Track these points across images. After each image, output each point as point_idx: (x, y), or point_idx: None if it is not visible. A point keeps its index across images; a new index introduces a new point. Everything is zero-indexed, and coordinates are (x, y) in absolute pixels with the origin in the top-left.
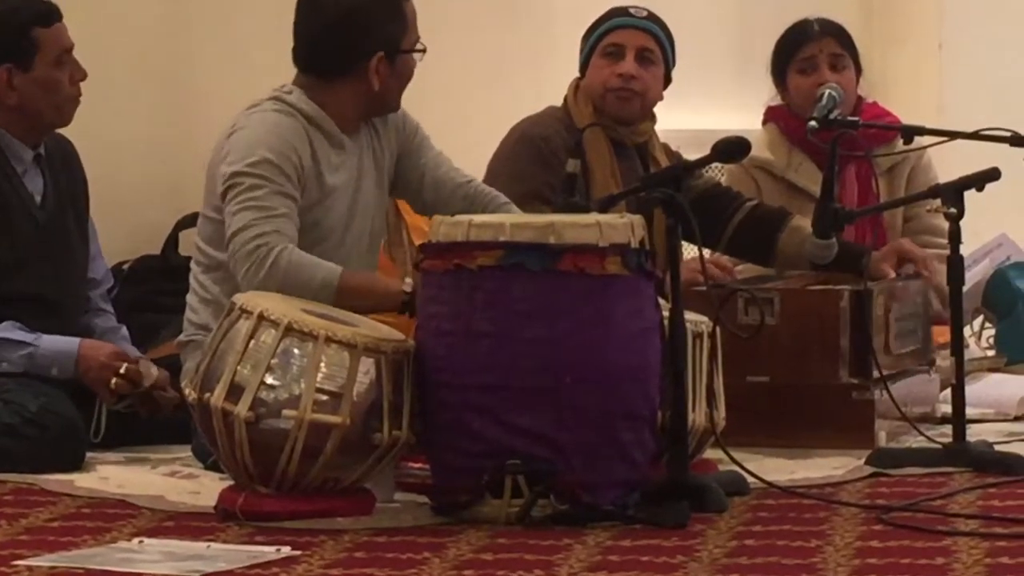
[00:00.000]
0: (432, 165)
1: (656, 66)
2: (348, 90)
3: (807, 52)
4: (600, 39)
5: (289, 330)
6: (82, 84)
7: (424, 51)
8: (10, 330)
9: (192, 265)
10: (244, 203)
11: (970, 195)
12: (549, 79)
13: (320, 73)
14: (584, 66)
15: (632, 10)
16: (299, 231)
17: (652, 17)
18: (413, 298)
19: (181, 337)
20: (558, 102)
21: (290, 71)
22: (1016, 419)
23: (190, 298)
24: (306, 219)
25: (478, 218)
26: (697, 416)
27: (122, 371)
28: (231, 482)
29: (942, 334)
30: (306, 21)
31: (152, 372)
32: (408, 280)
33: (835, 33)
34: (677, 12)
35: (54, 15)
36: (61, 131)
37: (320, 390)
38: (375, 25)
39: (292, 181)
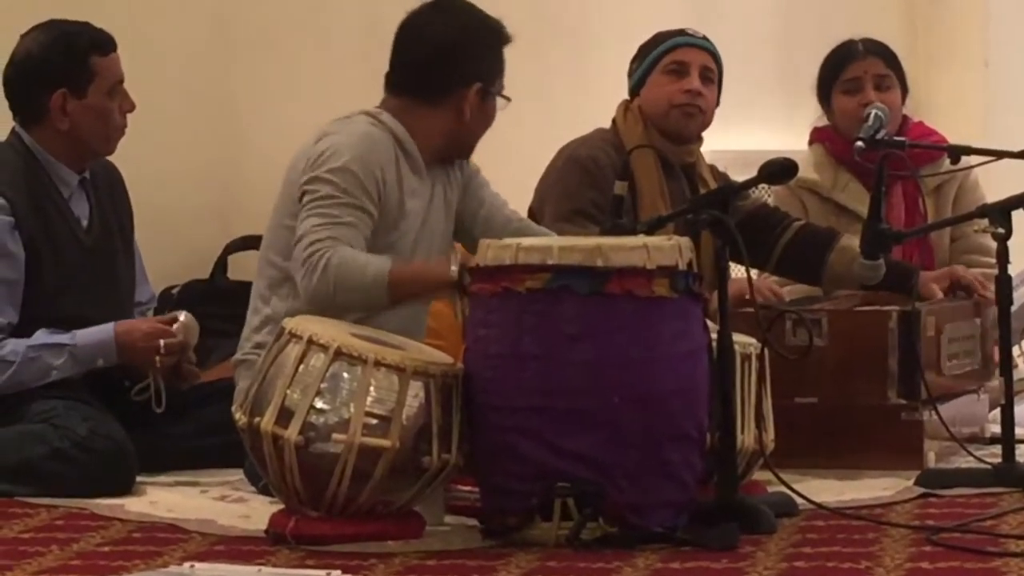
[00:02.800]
0: (487, 205)
1: (714, 86)
2: (439, 117)
3: (852, 72)
4: (661, 57)
5: (338, 354)
6: (133, 111)
7: (508, 99)
8: (45, 336)
9: (256, 280)
10: (313, 209)
11: (1018, 214)
12: (591, 102)
13: (419, 95)
14: (639, 85)
15: (691, 32)
16: (374, 253)
17: (707, 39)
18: (461, 277)
19: (237, 355)
20: (600, 124)
21: (336, 98)
22: None
23: (249, 315)
24: (381, 241)
25: (526, 241)
26: (746, 437)
27: (163, 350)
28: (281, 506)
29: None
30: (411, 45)
31: (190, 326)
32: (453, 268)
33: (880, 53)
34: (723, 33)
35: (110, 44)
36: (112, 158)
37: (369, 414)
38: (478, 58)
39: (370, 195)
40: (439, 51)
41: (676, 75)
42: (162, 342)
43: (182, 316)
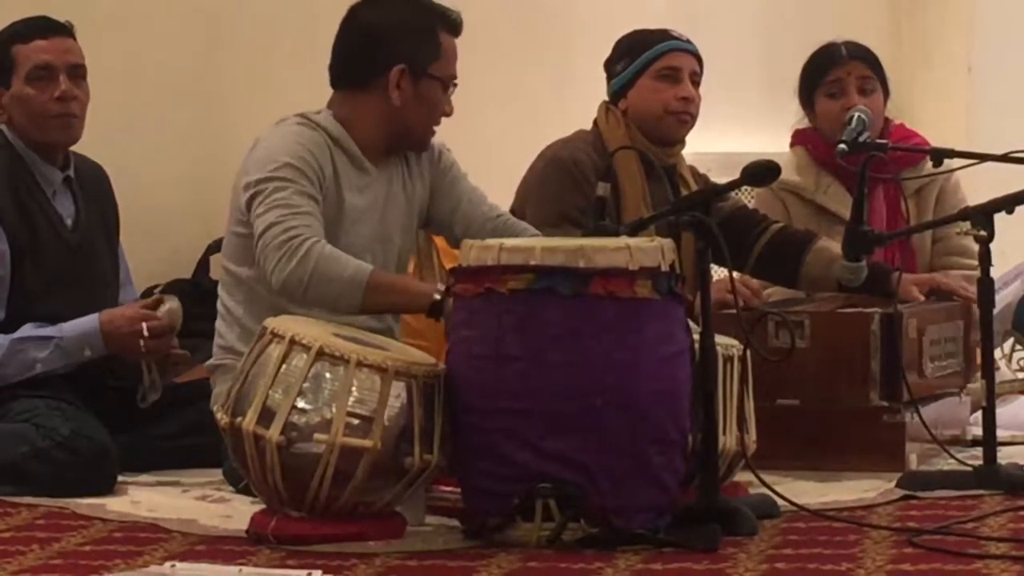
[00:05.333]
0: (464, 201)
1: (698, 90)
2: (372, 106)
3: (835, 75)
4: (652, 61)
5: (320, 354)
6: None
7: (455, 85)
8: (31, 330)
9: (219, 289)
10: (271, 204)
11: (999, 217)
12: (573, 103)
13: (347, 85)
14: (626, 87)
15: (675, 33)
16: None
17: (690, 42)
18: (443, 303)
19: (210, 361)
20: (582, 126)
21: (321, 99)
22: None
23: (217, 322)
24: (329, 240)
25: (509, 242)
26: (727, 439)
27: (146, 333)
28: (262, 506)
29: None
30: (342, 36)
31: (175, 310)
32: (440, 285)
33: (863, 56)
34: (707, 35)
35: (36, 32)
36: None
37: (351, 414)
38: (402, 38)
39: (314, 184)
40: (363, 37)
41: (670, 80)
42: (145, 325)
43: (167, 301)
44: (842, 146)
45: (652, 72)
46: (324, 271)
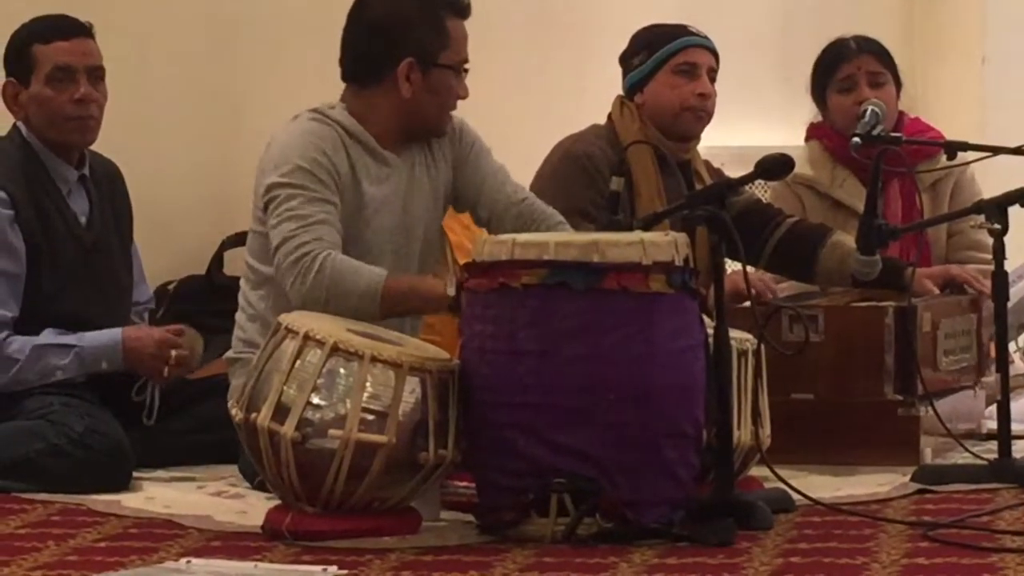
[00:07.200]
0: (490, 180)
1: (714, 84)
2: (383, 99)
3: (846, 71)
4: (671, 56)
5: (335, 350)
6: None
7: (466, 70)
8: (52, 336)
9: (241, 282)
10: (283, 215)
11: (1014, 210)
12: (587, 96)
13: (357, 80)
14: (643, 81)
15: (693, 29)
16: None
17: (708, 37)
18: (459, 298)
19: (229, 354)
20: (596, 119)
21: (333, 92)
22: None
23: (238, 315)
24: (350, 233)
25: (522, 237)
26: (742, 434)
27: (172, 361)
28: (278, 501)
29: None
30: (349, 30)
31: (197, 347)
32: (452, 280)
33: (872, 50)
34: (721, 28)
35: (56, 32)
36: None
37: (366, 409)
38: (409, 31)
39: (328, 185)
40: (370, 32)
41: (687, 76)
42: (173, 352)
43: (188, 332)
44: (856, 139)
45: (670, 67)
46: (339, 286)
